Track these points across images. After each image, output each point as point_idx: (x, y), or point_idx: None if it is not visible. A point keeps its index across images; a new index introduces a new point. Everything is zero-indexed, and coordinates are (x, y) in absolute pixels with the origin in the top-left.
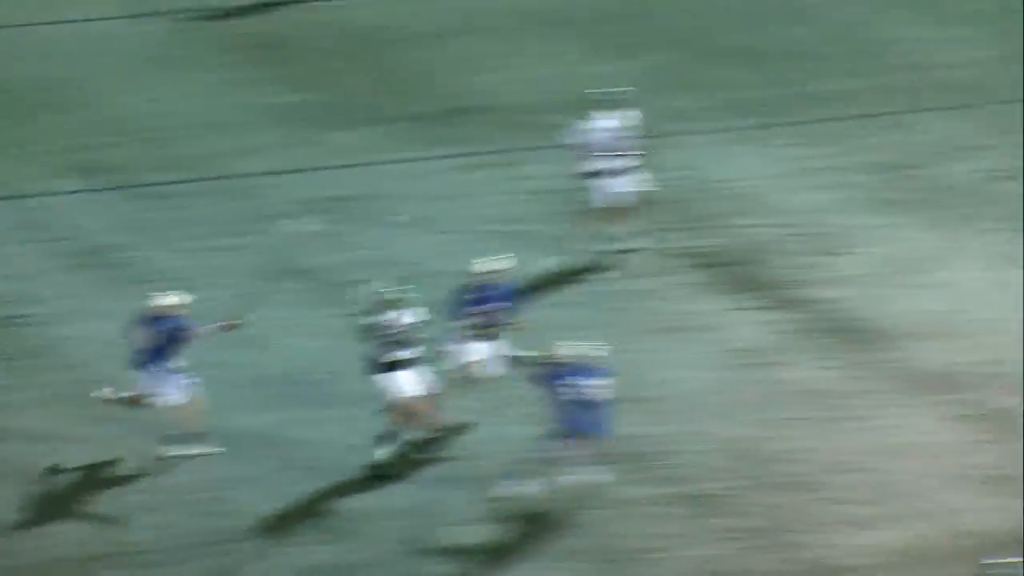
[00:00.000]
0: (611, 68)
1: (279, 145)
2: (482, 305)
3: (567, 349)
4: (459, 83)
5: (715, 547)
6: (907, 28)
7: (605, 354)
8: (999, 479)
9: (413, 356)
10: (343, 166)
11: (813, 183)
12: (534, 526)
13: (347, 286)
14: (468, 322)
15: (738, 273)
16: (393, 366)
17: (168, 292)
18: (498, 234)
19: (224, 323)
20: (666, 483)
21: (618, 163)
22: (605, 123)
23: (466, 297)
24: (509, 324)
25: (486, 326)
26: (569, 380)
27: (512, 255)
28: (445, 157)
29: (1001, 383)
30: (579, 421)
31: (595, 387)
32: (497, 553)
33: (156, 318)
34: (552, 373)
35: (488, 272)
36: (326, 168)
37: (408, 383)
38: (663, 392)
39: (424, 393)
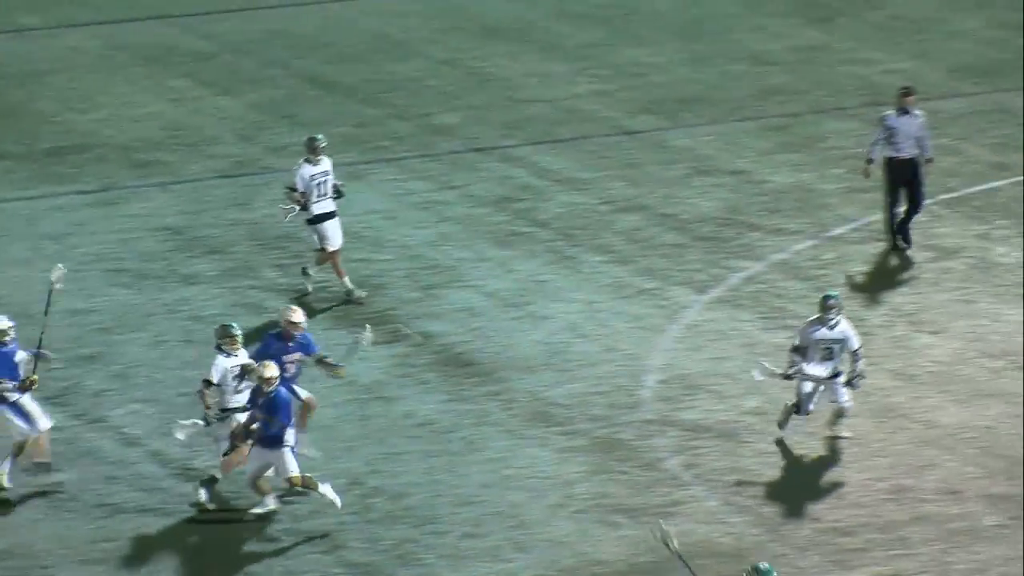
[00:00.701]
0: (221, 103)
1: None
2: (290, 353)
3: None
4: (66, 121)
5: None
6: (511, 63)
7: None
8: (606, 508)
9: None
10: None
11: (421, 217)
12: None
13: None
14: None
15: (349, 307)
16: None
17: None
18: (109, 272)
19: (23, 381)
20: (281, 519)
21: (330, 207)
22: (317, 168)
23: (277, 344)
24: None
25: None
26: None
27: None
28: (53, 195)
29: (608, 414)
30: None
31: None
32: None
33: None
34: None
35: (298, 322)
36: None
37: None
38: None
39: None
